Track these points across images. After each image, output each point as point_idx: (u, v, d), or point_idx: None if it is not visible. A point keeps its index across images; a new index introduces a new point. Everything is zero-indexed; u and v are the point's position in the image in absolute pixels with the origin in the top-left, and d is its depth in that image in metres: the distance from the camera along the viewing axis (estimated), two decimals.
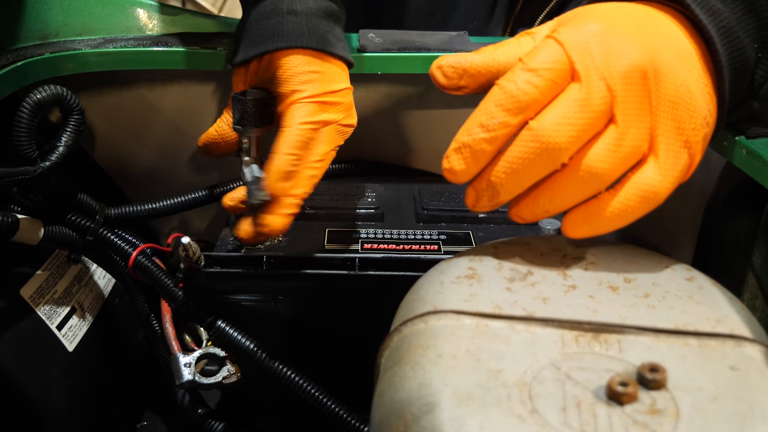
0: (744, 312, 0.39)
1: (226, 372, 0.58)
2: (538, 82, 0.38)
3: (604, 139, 0.38)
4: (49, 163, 0.54)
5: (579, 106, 0.37)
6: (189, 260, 0.55)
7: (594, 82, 0.37)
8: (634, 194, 0.39)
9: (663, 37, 0.40)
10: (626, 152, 0.38)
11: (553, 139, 0.37)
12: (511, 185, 0.40)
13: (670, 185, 0.39)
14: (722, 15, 0.41)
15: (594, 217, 0.39)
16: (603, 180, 0.38)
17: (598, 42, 0.38)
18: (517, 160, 0.38)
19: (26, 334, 0.58)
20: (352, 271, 0.55)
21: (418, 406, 0.34)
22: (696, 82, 0.39)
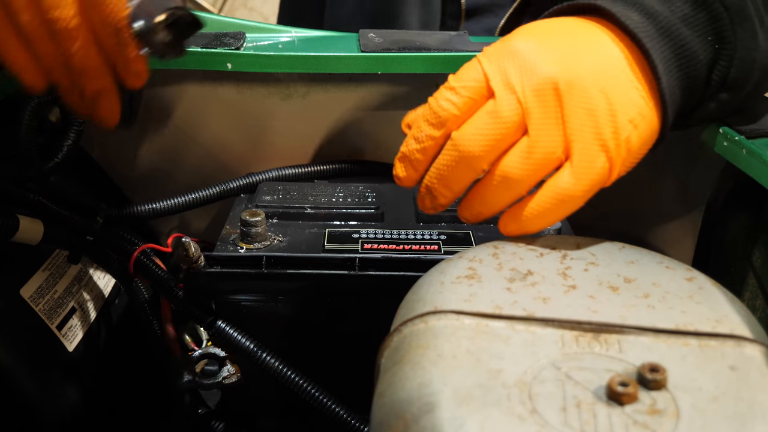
0: (744, 312, 0.39)
1: (226, 372, 0.58)
2: (456, 99, 0.43)
3: (517, 148, 0.42)
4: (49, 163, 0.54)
5: (491, 119, 0.41)
6: (189, 260, 0.55)
7: (504, 97, 0.41)
8: (549, 197, 0.42)
9: (583, 49, 0.43)
10: (538, 159, 0.41)
11: (468, 148, 0.42)
12: (443, 189, 0.45)
13: (584, 188, 0.41)
14: (660, 15, 0.43)
15: (518, 218, 0.44)
16: (520, 185, 0.42)
17: (514, 59, 0.42)
18: (443, 167, 0.43)
19: (26, 334, 0.58)
20: (352, 271, 0.55)
21: (418, 406, 0.34)
22: (622, 86, 0.42)
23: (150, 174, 0.74)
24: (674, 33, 0.43)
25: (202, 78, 0.67)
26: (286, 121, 0.70)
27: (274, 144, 0.72)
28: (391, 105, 0.69)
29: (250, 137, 0.72)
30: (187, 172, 0.74)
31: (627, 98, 0.42)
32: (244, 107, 0.68)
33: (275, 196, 0.64)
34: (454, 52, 0.63)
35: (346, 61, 0.63)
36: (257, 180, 0.67)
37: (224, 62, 0.63)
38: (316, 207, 0.62)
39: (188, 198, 0.65)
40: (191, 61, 0.63)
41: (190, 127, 0.71)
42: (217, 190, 0.66)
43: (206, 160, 0.73)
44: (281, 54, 0.63)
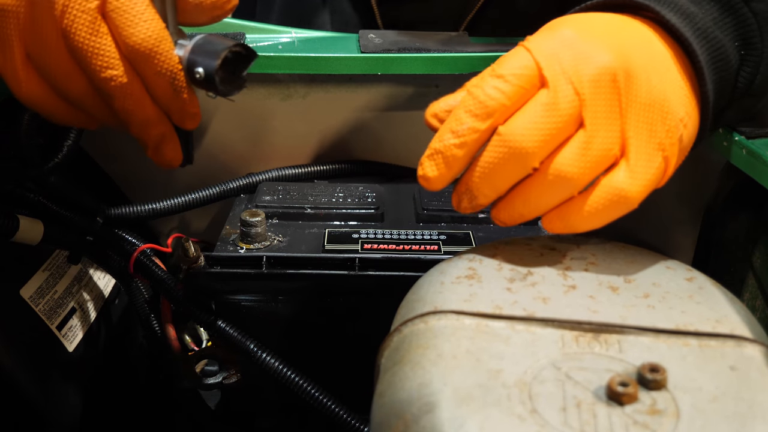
0: (744, 312, 0.40)
1: (226, 372, 0.58)
2: (506, 87, 0.39)
3: (572, 143, 0.38)
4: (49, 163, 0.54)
5: (546, 111, 0.38)
6: (189, 260, 0.55)
7: (561, 87, 0.38)
8: (604, 197, 0.39)
9: (635, 41, 0.40)
10: (595, 156, 0.38)
11: (520, 144, 0.38)
12: (486, 189, 0.40)
13: (641, 188, 0.39)
14: (696, 17, 0.42)
15: (566, 217, 0.40)
16: (573, 184, 0.39)
17: (567, 47, 0.39)
18: (489, 165, 0.39)
19: (26, 334, 0.58)
20: (352, 271, 0.55)
21: (418, 406, 0.34)
22: (671, 84, 0.40)
23: (150, 174, 0.74)
24: (710, 35, 0.42)
25: None
26: (286, 122, 0.70)
27: (274, 144, 0.72)
28: (391, 106, 0.69)
29: (250, 137, 0.72)
30: (187, 172, 0.74)
31: (677, 96, 0.40)
32: (244, 108, 0.68)
33: (275, 196, 0.64)
34: (454, 53, 0.63)
35: (345, 62, 0.63)
36: (257, 180, 0.67)
37: None
38: (316, 207, 0.62)
39: (188, 198, 0.65)
40: None
41: None
42: (217, 190, 0.66)
43: (206, 160, 0.73)
44: (281, 55, 0.63)
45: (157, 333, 0.67)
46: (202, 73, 0.42)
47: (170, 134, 0.46)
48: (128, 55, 0.41)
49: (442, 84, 0.68)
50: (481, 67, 0.63)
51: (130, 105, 0.42)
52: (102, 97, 0.43)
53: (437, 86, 0.68)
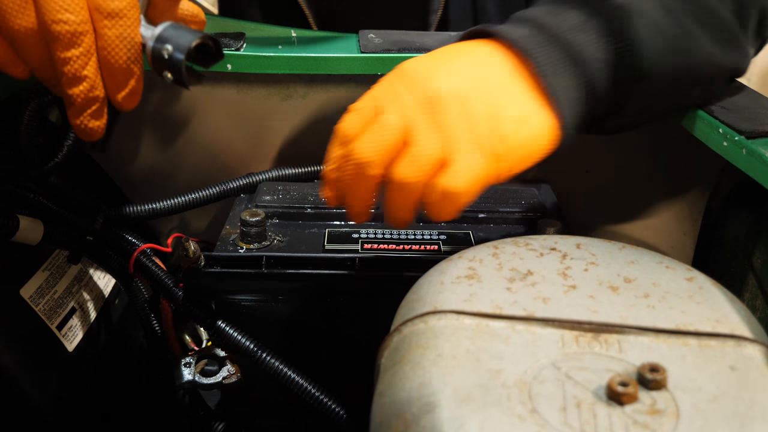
0: (744, 312, 0.39)
1: (226, 372, 0.58)
2: (354, 117, 0.47)
3: (403, 155, 0.45)
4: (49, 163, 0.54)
5: (378, 128, 0.45)
6: (189, 260, 0.55)
7: (391, 109, 0.45)
8: (437, 195, 0.45)
9: (467, 64, 0.47)
10: (422, 162, 0.44)
11: (360, 156, 0.45)
12: (353, 200, 0.48)
13: (463, 185, 0.44)
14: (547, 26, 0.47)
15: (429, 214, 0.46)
16: (412, 187, 0.45)
17: (402, 78, 0.47)
18: (347, 178, 0.47)
19: (26, 334, 0.58)
20: (352, 271, 0.55)
21: (418, 406, 0.34)
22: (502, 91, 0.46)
23: (150, 174, 0.74)
24: (562, 39, 0.47)
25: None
26: (286, 122, 0.70)
27: (274, 144, 0.72)
28: None
29: (250, 137, 0.72)
30: (187, 172, 0.74)
31: (507, 101, 0.46)
32: (244, 108, 0.68)
33: (275, 196, 0.64)
34: None
35: (345, 62, 0.63)
36: (257, 180, 0.67)
37: (224, 63, 0.63)
38: (316, 207, 0.62)
39: (188, 198, 0.65)
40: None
41: (190, 127, 0.71)
42: (217, 190, 0.66)
43: (206, 160, 0.73)
44: (281, 55, 0.63)
45: (157, 333, 0.67)
46: (171, 50, 0.42)
47: (103, 102, 0.45)
48: (95, 8, 0.41)
49: None
50: None
51: (74, 56, 0.42)
52: (46, 39, 0.42)
53: None
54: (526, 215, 0.62)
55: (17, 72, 0.45)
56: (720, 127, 0.51)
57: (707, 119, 0.52)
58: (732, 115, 0.51)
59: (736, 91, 0.57)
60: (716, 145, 0.52)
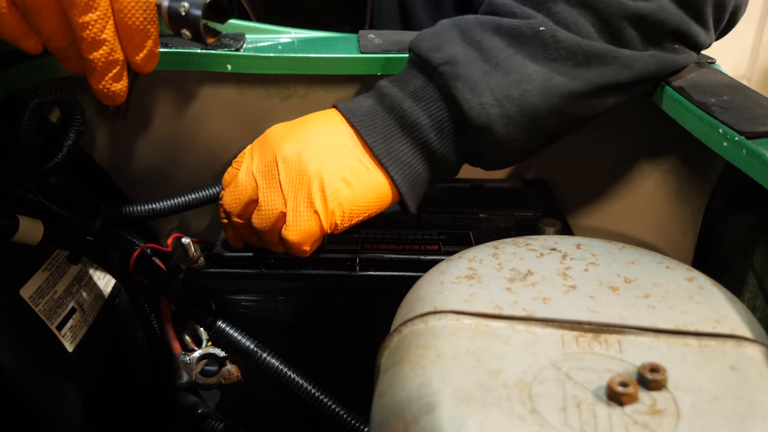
0: (744, 312, 0.39)
1: (226, 372, 0.58)
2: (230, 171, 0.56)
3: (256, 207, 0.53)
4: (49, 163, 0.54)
5: (234, 188, 0.54)
6: (189, 260, 0.55)
7: (243, 171, 0.54)
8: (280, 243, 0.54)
9: (315, 132, 0.53)
10: (266, 215, 0.52)
11: (225, 206, 0.55)
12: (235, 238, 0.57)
13: (297, 237, 0.52)
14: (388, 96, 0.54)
15: None
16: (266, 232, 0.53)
17: (262, 142, 0.54)
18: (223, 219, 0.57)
19: (26, 334, 0.58)
20: (352, 272, 0.55)
21: (418, 406, 0.34)
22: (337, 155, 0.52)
23: (150, 174, 0.74)
24: (397, 108, 0.53)
25: (202, 79, 0.67)
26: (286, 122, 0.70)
27: None
28: None
29: (251, 138, 0.71)
30: (187, 172, 0.74)
31: (341, 164, 0.52)
32: (244, 108, 0.68)
33: None
34: None
35: (345, 63, 0.63)
36: None
37: (224, 63, 0.63)
38: None
39: (188, 198, 0.65)
40: (192, 63, 0.63)
41: (190, 127, 0.71)
42: (217, 190, 0.66)
43: (206, 160, 0.73)
44: (281, 55, 0.63)
45: (157, 333, 0.67)
46: (187, 7, 0.43)
47: (123, 65, 0.47)
48: None
49: None
50: None
51: (92, 20, 0.43)
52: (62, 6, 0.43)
53: None
54: (526, 215, 0.62)
55: (29, 45, 0.46)
56: (720, 127, 0.51)
57: (707, 119, 0.52)
58: (732, 115, 0.51)
59: (736, 92, 0.57)
60: (716, 145, 0.52)
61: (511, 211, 0.62)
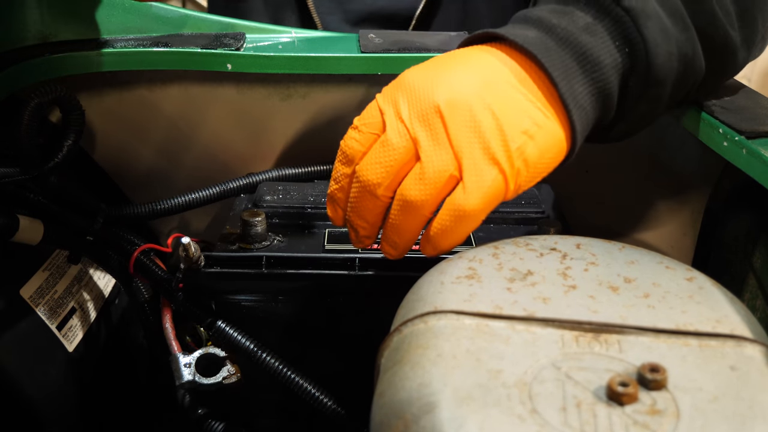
0: (744, 312, 0.39)
1: (226, 372, 0.58)
2: (359, 136, 0.46)
3: (411, 173, 0.44)
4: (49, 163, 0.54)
5: (382, 148, 0.44)
6: (189, 260, 0.55)
7: (392, 127, 0.44)
8: (446, 215, 0.43)
9: (469, 72, 0.44)
10: (432, 180, 0.42)
11: (366, 177, 0.45)
12: (358, 221, 0.47)
13: (476, 202, 0.42)
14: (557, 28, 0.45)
15: (430, 239, 0.45)
16: (419, 207, 0.43)
17: (403, 91, 0.45)
18: (353, 199, 0.46)
19: (26, 334, 0.58)
20: (352, 271, 0.55)
21: (418, 406, 0.34)
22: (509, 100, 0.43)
23: (150, 174, 0.74)
24: (574, 41, 0.44)
25: (202, 78, 0.67)
26: (286, 122, 0.70)
27: (274, 144, 0.72)
28: None
29: (250, 137, 0.72)
30: (187, 172, 0.74)
31: (517, 110, 0.43)
32: (244, 108, 0.68)
33: (275, 196, 0.64)
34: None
35: (346, 62, 0.63)
36: (257, 180, 0.67)
37: (224, 63, 0.63)
38: (316, 207, 0.62)
39: (188, 198, 0.65)
40: (192, 62, 0.63)
41: (190, 127, 0.71)
42: (217, 190, 0.66)
43: (206, 160, 0.73)
44: (281, 55, 0.63)
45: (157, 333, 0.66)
46: None
47: None
48: None
49: None
50: None
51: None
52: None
53: None
54: (526, 215, 0.62)
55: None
56: (720, 127, 0.51)
57: (707, 119, 0.52)
58: (732, 115, 0.51)
59: (736, 91, 0.57)
60: (716, 145, 0.52)
61: (511, 211, 0.62)
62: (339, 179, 0.47)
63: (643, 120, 0.50)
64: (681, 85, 0.49)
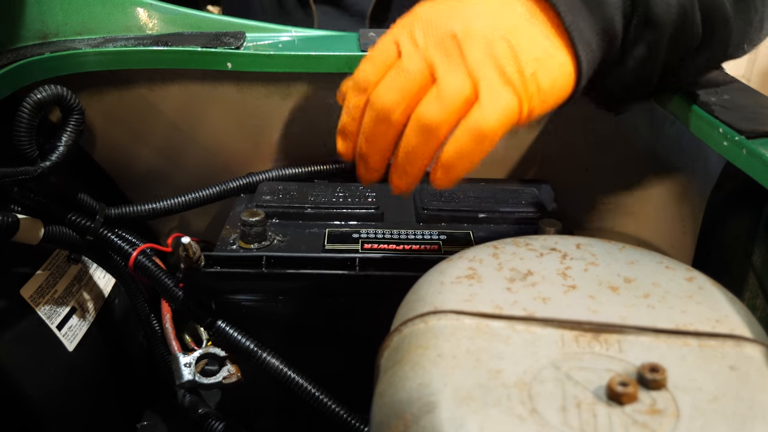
0: (744, 312, 0.39)
1: (226, 372, 0.58)
2: (371, 66, 0.46)
3: (427, 95, 0.44)
4: (49, 163, 0.54)
5: (397, 72, 0.44)
6: (189, 260, 0.55)
7: (408, 52, 0.44)
8: (464, 134, 0.43)
9: (483, 5, 0.45)
10: (450, 100, 0.43)
11: (381, 102, 0.44)
12: (370, 151, 0.47)
13: (494, 121, 0.43)
14: None
15: (443, 165, 0.45)
16: (435, 128, 0.44)
17: (419, 21, 0.45)
18: (366, 127, 0.46)
19: (26, 334, 0.58)
20: (352, 271, 0.55)
21: (418, 406, 0.34)
22: (522, 30, 0.44)
23: (150, 174, 0.74)
24: None
25: (202, 77, 0.67)
26: (286, 121, 0.70)
27: (274, 144, 0.72)
28: None
29: (250, 137, 0.72)
30: (187, 172, 0.74)
31: (529, 39, 0.44)
32: (244, 107, 0.68)
33: (275, 196, 0.64)
34: None
35: (346, 61, 0.63)
36: (257, 180, 0.67)
37: (224, 62, 0.63)
38: (316, 207, 0.62)
39: (188, 198, 0.65)
40: (191, 61, 0.63)
41: (190, 127, 0.71)
42: (217, 190, 0.66)
43: (206, 160, 0.73)
44: (281, 53, 0.63)
45: (157, 333, 0.67)
46: None
47: None
48: None
49: None
50: None
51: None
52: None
53: None
54: (526, 215, 0.62)
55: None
56: (720, 127, 0.51)
57: (707, 119, 0.52)
58: (732, 115, 0.51)
59: (736, 91, 0.57)
60: (716, 145, 0.52)
61: (511, 211, 0.62)
62: (350, 111, 0.47)
63: (643, 69, 0.51)
64: (678, 40, 0.50)
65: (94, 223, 0.61)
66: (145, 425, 0.73)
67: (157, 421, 0.74)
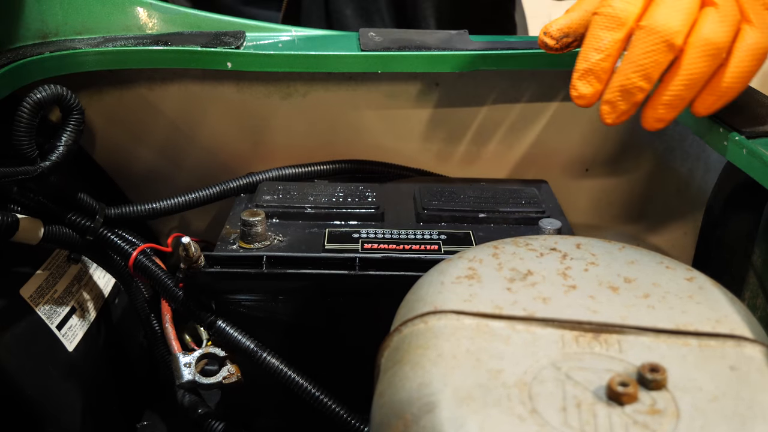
0: (744, 312, 0.39)
1: (226, 372, 0.58)
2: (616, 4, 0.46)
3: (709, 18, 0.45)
4: (49, 162, 0.54)
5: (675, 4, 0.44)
6: (189, 260, 0.55)
7: None
8: (745, 55, 0.45)
9: None
10: (729, 24, 0.44)
11: (666, 26, 0.44)
12: (642, 82, 0.46)
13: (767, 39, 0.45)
14: None
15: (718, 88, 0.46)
16: (722, 50, 0.45)
17: None
18: (642, 56, 0.45)
19: (26, 334, 0.58)
20: (352, 271, 0.55)
21: (418, 406, 0.34)
22: None
23: (150, 174, 0.74)
24: None
25: (202, 77, 0.67)
26: (286, 121, 0.70)
27: (274, 143, 0.72)
28: (391, 104, 0.69)
29: (250, 137, 0.72)
30: (187, 171, 0.74)
31: None
32: (244, 106, 0.68)
33: (275, 195, 0.64)
34: (454, 51, 0.63)
35: (346, 60, 0.63)
36: (257, 180, 0.67)
37: (224, 61, 0.63)
38: (316, 207, 0.62)
39: (188, 198, 0.65)
40: (191, 60, 0.63)
41: (190, 126, 0.71)
42: (217, 190, 0.66)
43: (206, 160, 0.73)
44: (281, 53, 0.63)
45: (157, 333, 0.67)
46: None
47: None
48: None
49: (443, 82, 0.68)
50: (482, 64, 0.63)
51: None
52: None
53: (437, 84, 0.68)
54: (526, 215, 0.62)
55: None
56: (720, 127, 0.51)
57: (707, 119, 0.52)
58: (732, 115, 0.51)
59: None
60: (716, 145, 0.52)
61: (511, 211, 0.62)
62: (604, 48, 0.46)
63: None
64: None
65: (94, 223, 0.61)
66: (145, 425, 0.73)
67: (156, 422, 0.74)
